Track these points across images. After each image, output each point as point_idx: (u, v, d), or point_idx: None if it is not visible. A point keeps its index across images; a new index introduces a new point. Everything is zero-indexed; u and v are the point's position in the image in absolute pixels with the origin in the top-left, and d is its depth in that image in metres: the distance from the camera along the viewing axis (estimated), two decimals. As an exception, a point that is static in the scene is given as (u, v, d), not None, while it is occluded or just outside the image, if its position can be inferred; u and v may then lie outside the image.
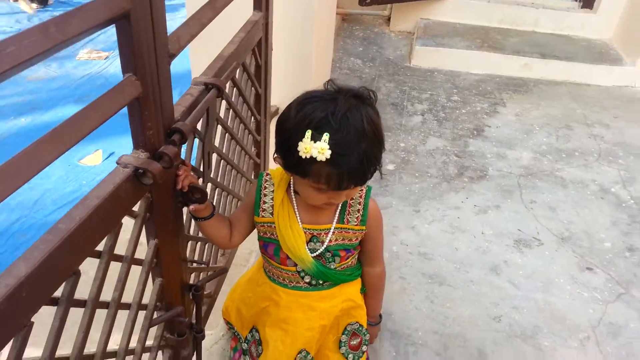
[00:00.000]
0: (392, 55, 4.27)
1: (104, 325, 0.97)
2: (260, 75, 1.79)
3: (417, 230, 2.37)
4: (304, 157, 0.99)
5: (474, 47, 4.10)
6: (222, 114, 1.44)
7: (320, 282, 1.26)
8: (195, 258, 1.43)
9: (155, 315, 1.19)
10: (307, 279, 1.26)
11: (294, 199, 1.19)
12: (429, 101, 3.56)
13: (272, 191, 1.21)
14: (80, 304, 0.88)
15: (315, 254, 1.20)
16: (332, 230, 1.19)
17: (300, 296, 1.27)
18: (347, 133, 0.98)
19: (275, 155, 1.10)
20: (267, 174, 1.24)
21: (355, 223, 1.21)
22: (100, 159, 3.08)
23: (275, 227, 1.19)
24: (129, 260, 1.00)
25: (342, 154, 0.97)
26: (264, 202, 1.21)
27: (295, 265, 1.23)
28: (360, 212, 1.21)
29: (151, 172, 0.94)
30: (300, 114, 1.01)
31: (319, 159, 0.97)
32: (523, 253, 2.27)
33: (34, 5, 5.30)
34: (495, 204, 2.58)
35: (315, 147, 0.97)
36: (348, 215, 1.20)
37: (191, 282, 1.37)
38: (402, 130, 3.18)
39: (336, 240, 1.20)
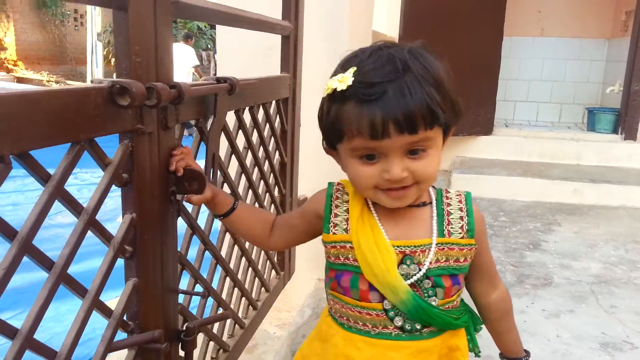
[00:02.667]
0: (430, 187, 4.15)
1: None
2: (286, 140, 1.66)
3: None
4: (326, 96, 0.82)
5: (516, 174, 3.95)
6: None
7: (418, 326, 0.87)
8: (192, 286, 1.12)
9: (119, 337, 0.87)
10: (398, 322, 0.86)
11: (374, 210, 0.89)
12: (475, 221, 3.30)
13: (347, 201, 0.91)
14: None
15: (410, 281, 0.84)
16: (432, 247, 0.85)
17: (389, 348, 0.87)
18: (380, 59, 0.79)
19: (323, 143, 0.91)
20: (339, 183, 0.96)
21: (461, 235, 0.87)
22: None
23: (353, 247, 0.87)
24: (89, 216, 0.75)
25: (371, 81, 0.76)
26: (336, 216, 0.91)
27: (382, 300, 0.86)
28: (465, 220, 0.88)
29: (130, 89, 0.75)
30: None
31: (339, 88, 0.78)
32: (614, 357, 1.80)
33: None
34: (569, 309, 2.16)
35: (336, 79, 0.79)
36: (448, 225, 0.88)
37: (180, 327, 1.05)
38: (447, 243, 2.89)
39: (438, 261, 0.85)
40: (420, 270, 0.84)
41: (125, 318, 0.86)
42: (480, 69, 4.32)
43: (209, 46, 11.14)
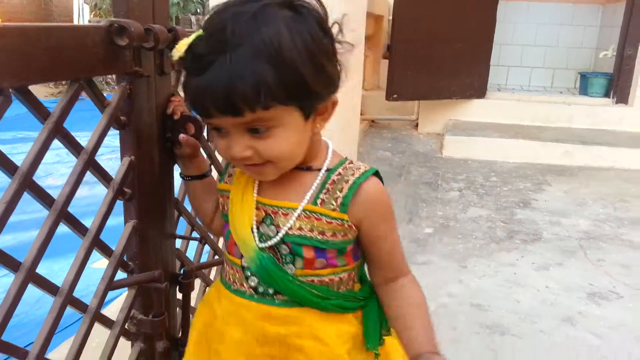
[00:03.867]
0: (422, 149, 4.17)
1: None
2: None
3: (465, 284, 2.01)
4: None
5: (508, 137, 3.98)
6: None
7: (270, 291, 0.80)
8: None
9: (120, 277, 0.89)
10: (252, 282, 0.81)
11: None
12: (465, 181, 3.34)
13: None
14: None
15: (265, 244, 0.78)
16: (297, 212, 0.77)
17: (242, 306, 0.82)
18: (217, 25, 0.67)
19: None
20: None
21: (333, 207, 0.76)
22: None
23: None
24: (88, 155, 0.75)
25: (199, 52, 0.66)
26: (231, 168, 0.88)
27: (242, 257, 0.81)
28: (343, 193, 0.76)
29: (128, 29, 0.75)
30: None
31: (174, 57, 0.71)
32: (600, 305, 1.87)
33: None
34: (558, 262, 2.22)
35: (178, 45, 0.71)
36: (326, 194, 0.77)
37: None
38: (439, 202, 2.93)
39: (300, 229, 0.77)
40: (278, 232, 0.77)
41: (125, 259, 0.88)
42: (475, 33, 4.28)
43: (198, 10, 10.90)
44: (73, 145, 0.73)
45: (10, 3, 11.32)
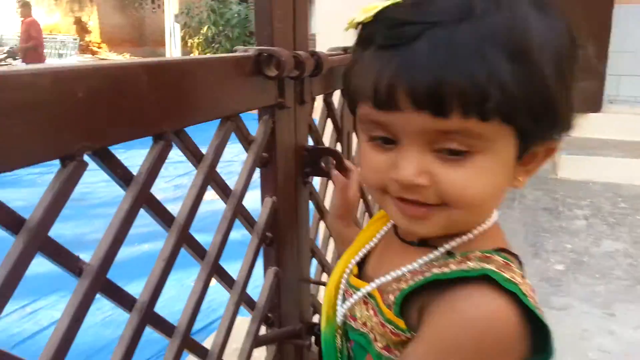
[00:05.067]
0: (533, 170, 3.85)
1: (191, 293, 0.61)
2: None
3: (618, 336, 1.75)
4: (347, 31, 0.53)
5: (633, 156, 3.56)
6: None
7: None
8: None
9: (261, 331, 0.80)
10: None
11: (386, 233, 0.62)
12: (590, 207, 3.00)
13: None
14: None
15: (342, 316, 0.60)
16: (358, 294, 0.56)
17: None
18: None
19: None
20: None
21: (392, 299, 0.52)
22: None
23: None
24: (237, 200, 0.68)
25: (400, 19, 0.47)
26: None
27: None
28: (407, 285, 0.51)
29: (279, 58, 0.67)
30: None
31: (359, 20, 0.51)
32: None
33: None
34: None
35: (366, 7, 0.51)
36: (400, 281, 0.52)
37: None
38: (564, 232, 2.65)
39: (354, 319, 0.57)
40: (341, 310, 0.59)
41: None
42: (588, 40, 3.92)
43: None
44: (222, 189, 0.66)
45: (108, 24, 12.28)
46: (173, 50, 11.42)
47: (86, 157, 0.44)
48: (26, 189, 3.82)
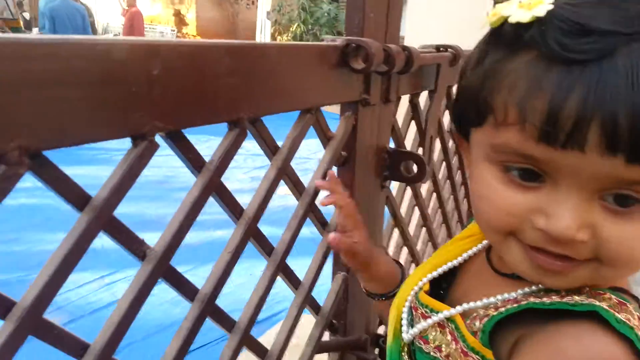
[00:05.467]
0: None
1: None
2: None
3: None
4: (486, 35, 0.44)
5: None
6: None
7: None
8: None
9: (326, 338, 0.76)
10: None
11: (475, 257, 0.55)
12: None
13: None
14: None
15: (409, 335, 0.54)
16: (433, 318, 0.50)
17: None
18: None
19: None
20: None
21: (479, 326, 0.45)
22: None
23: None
24: (310, 198, 0.64)
25: (591, 25, 0.36)
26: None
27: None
28: (497, 310, 0.44)
29: (368, 49, 0.62)
30: None
31: (518, 18, 0.39)
32: None
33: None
34: None
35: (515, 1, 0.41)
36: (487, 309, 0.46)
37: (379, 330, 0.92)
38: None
39: (426, 342, 0.51)
40: (410, 329, 0.53)
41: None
42: None
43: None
44: (295, 184, 0.63)
45: (204, 17, 12.80)
46: (262, 46, 11.70)
47: (160, 139, 0.42)
48: (100, 166, 3.96)
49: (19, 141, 0.31)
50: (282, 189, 0.60)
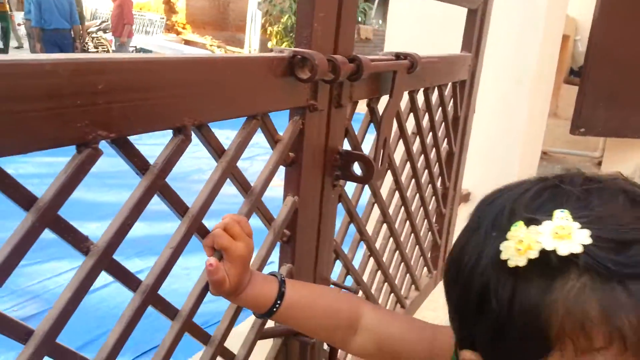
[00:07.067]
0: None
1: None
2: (457, 127, 1.49)
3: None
4: (516, 266, 0.42)
5: None
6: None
7: None
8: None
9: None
10: None
11: None
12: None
13: None
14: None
15: None
16: None
17: None
18: (613, 197, 0.44)
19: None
20: None
21: None
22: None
23: None
24: (255, 197, 0.70)
25: (625, 238, 0.40)
26: None
27: None
28: None
29: (312, 61, 0.68)
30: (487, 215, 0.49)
31: (563, 251, 0.41)
32: None
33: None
34: None
35: (544, 232, 0.42)
36: None
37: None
38: None
39: None
40: None
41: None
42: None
43: (360, 19, 11.04)
44: (242, 184, 0.68)
45: (194, 6, 12.71)
46: (252, 37, 11.68)
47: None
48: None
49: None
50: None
